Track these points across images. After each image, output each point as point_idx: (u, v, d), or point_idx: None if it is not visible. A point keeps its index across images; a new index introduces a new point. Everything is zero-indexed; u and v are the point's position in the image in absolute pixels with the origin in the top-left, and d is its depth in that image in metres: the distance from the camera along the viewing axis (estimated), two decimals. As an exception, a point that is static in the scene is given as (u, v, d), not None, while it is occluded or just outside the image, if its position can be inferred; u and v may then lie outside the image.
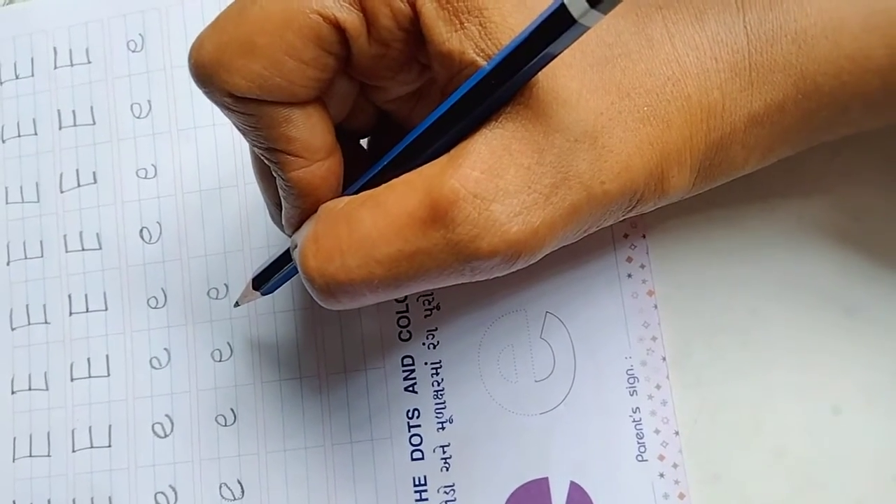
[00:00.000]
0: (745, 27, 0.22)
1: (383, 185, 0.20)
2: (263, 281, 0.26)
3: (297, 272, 0.23)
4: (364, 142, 0.27)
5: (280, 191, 0.22)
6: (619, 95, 0.21)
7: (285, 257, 0.25)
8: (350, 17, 0.20)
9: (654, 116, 0.22)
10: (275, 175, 0.22)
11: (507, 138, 0.20)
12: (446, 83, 0.21)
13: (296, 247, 0.22)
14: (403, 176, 0.20)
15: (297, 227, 0.23)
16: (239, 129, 0.22)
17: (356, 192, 0.22)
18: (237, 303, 0.28)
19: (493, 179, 0.19)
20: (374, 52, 0.21)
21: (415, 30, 0.20)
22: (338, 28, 0.20)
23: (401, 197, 0.20)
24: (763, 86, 0.22)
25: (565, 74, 0.20)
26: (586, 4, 0.17)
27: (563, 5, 0.17)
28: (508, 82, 0.19)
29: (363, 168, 0.23)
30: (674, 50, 0.22)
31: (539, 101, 0.20)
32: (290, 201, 0.22)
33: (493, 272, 0.21)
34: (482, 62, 0.20)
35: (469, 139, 0.20)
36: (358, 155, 0.25)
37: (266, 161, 0.22)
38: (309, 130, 0.21)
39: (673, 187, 0.23)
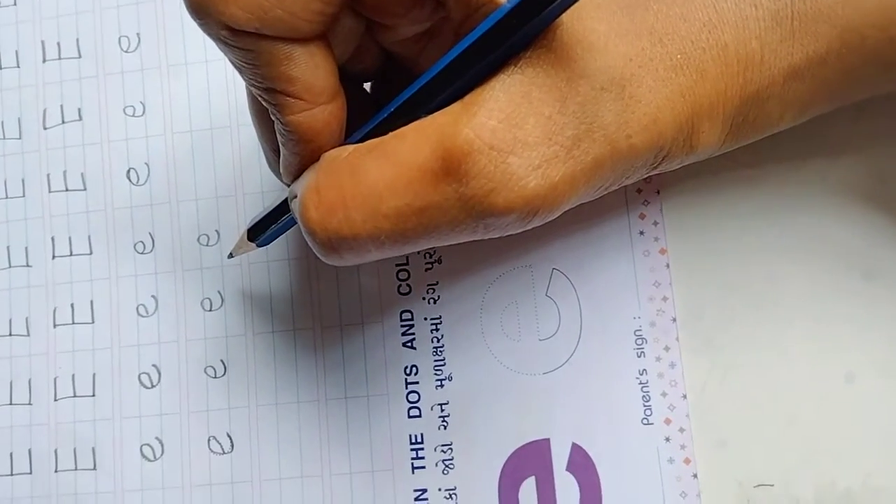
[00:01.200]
0: None
1: (391, 134, 0.19)
2: (259, 232, 0.25)
3: (296, 224, 0.21)
4: (367, 86, 0.25)
5: (278, 136, 0.21)
6: (651, 41, 0.20)
7: (282, 208, 0.23)
8: None
9: (688, 65, 0.20)
10: (273, 118, 0.21)
11: (527, 84, 0.18)
12: (462, 22, 0.19)
13: (294, 197, 0.20)
14: (414, 124, 0.19)
15: (296, 175, 0.21)
16: (235, 67, 0.20)
17: (361, 141, 0.20)
18: (231, 254, 0.26)
19: (511, 129, 0.18)
20: None
21: None
22: None
23: (411, 147, 0.18)
24: (805, 37, 0.21)
25: (593, 16, 0.19)
26: None
27: None
28: (530, 23, 0.18)
29: (366, 114, 0.21)
30: None
31: (563, 44, 0.18)
32: (290, 147, 0.21)
33: (507, 229, 0.19)
34: None
35: (485, 85, 0.18)
36: (361, 100, 0.24)
37: (264, 103, 0.21)
38: (311, 70, 0.20)
39: (702, 143, 0.21)
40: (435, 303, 0.27)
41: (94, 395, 0.28)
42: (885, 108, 0.27)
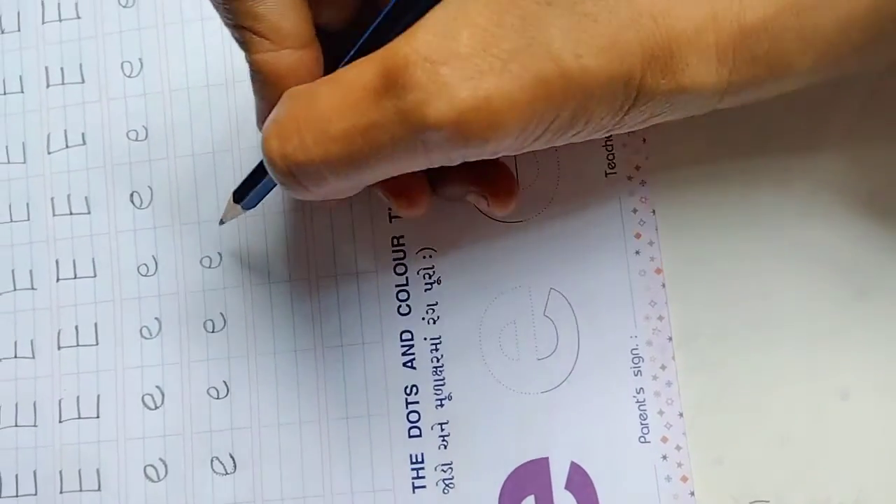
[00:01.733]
0: None
1: (346, 64, 0.19)
2: (244, 194, 0.25)
3: (276, 185, 0.22)
4: None
5: (250, 80, 0.21)
6: None
7: (262, 167, 0.24)
8: None
9: None
10: (246, 61, 0.21)
11: (465, 1, 0.18)
12: None
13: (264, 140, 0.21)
14: (367, 55, 0.19)
15: (263, 118, 0.21)
16: (211, 2, 0.21)
17: None
18: (221, 221, 0.27)
19: (445, 41, 0.17)
20: None
21: None
22: None
23: (357, 70, 0.18)
24: None
25: None
26: None
27: None
28: None
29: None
30: None
31: None
32: (257, 90, 0.21)
33: (448, 151, 0.19)
34: None
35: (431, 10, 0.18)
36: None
37: (234, 39, 0.21)
38: (279, 11, 0.20)
39: (691, 79, 0.19)
40: (434, 323, 0.28)
41: (98, 417, 0.29)
42: (874, 126, 0.27)
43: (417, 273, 0.28)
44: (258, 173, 0.25)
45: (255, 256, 0.29)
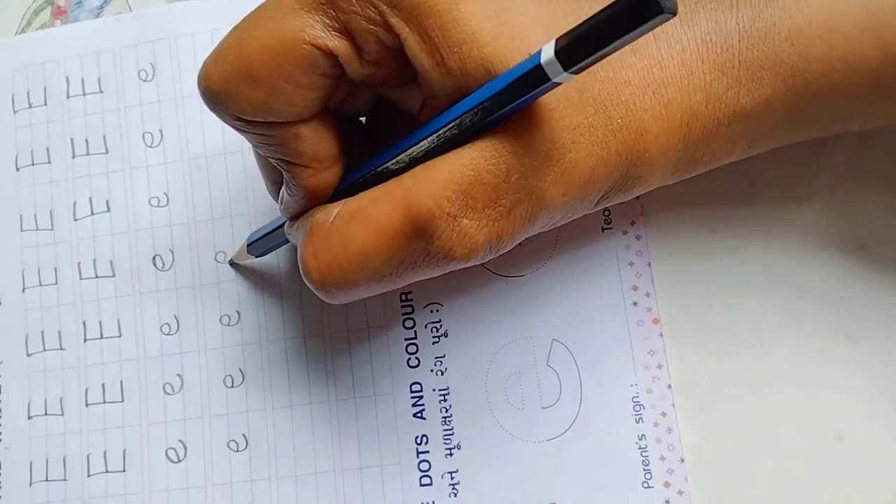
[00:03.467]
0: (738, 24, 0.22)
1: (367, 198, 0.22)
2: (257, 246, 0.28)
3: (288, 243, 0.27)
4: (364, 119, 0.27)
5: (286, 189, 0.24)
6: (595, 108, 0.22)
7: (279, 231, 0.27)
8: (341, 45, 0.21)
9: (628, 127, 0.22)
10: (285, 180, 0.24)
11: (477, 159, 0.21)
12: (440, 95, 0.22)
13: (290, 235, 0.25)
14: (383, 186, 0.22)
15: (295, 216, 0.24)
16: (253, 145, 0.24)
17: (345, 188, 0.23)
18: (231, 261, 0.30)
19: (462, 198, 0.21)
20: (366, 72, 0.22)
21: (403, 52, 0.21)
22: (330, 55, 0.21)
23: (385, 211, 0.21)
24: (751, 83, 0.22)
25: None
26: (560, 68, 0.18)
27: (539, 66, 0.18)
28: (477, 123, 0.20)
29: (361, 146, 0.24)
30: (658, 53, 0.22)
31: (512, 121, 0.21)
32: (296, 200, 0.24)
33: (466, 266, 0.22)
34: (462, 94, 0.21)
35: (443, 157, 0.21)
36: (357, 133, 0.26)
37: (281, 170, 0.24)
38: (316, 144, 0.23)
39: (643, 184, 0.23)
40: (442, 374, 0.29)
41: (124, 471, 0.30)
42: (860, 177, 0.28)
43: (425, 327, 0.29)
44: (274, 234, 0.27)
45: (271, 315, 0.30)
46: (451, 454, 0.29)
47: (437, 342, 0.29)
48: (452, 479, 0.28)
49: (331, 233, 0.22)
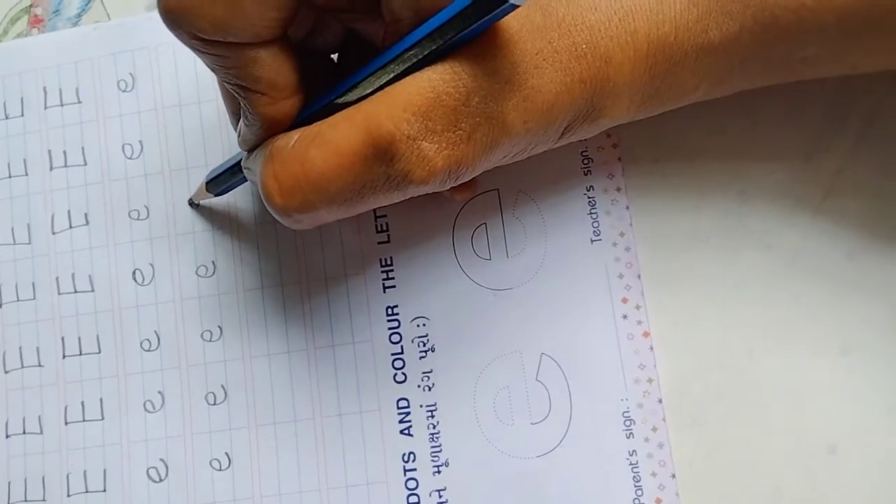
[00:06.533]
0: None
1: (326, 123, 0.22)
2: (216, 184, 0.28)
3: (246, 182, 0.27)
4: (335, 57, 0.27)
5: (244, 119, 0.24)
6: (560, 33, 0.22)
7: (237, 167, 0.27)
8: None
9: (593, 54, 0.22)
10: (242, 108, 0.24)
11: (436, 81, 0.21)
12: (403, 20, 0.22)
13: (248, 169, 0.24)
14: (343, 112, 0.22)
15: (252, 147, 0.24)
16: (210, 68, 0.23)
17: (302, 122, 0.23)
18: (191, 200, 0.30)
19: (421, 120, 0.21)
20: None
21: None
22: None
23: (345, 135, 0.21)
24: (720, 16, 0.22)
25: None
26: None
27: None
28: (437, 48, 0.21)
29: (332, 82, 0.24)
30: None
31: (473, 45, 0.21)
32: (253, 130, 0.24)
33: (426, 191, 0.22)
34: (423, 18, 0.21)
35: (403, 80, 0.21)
36: (329, 69, 0.27)
37: (236, 97, 0.23)
38: (275, 70, 0.22)
39: (606, 116, 0.23)
40: (430, 390, 0.29)
41: (104, 491, 0.29)
42: (850, 186, 0.28)
43: (412, 341, 0.29)
44: (232, 170, 0.27)
45: (253, 329, 0.30)
46: (438, 472, 0.28)
47: (423, 357, 0.29)
48: (441, 497, 0.28)
49: (291, 156, 0.22)
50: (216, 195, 0.29)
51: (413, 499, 0.28)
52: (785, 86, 0.26)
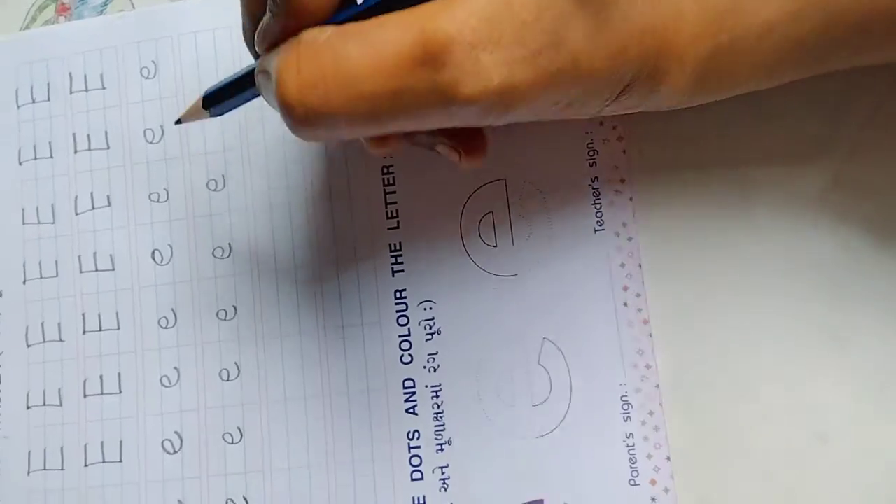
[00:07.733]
0: None
1: (372, 20, 0.19)
2: (216, 101, 0.24)
3: (254, 97, 0.23)
4: None
5: (270, 5, 0.20)
6: None
7: (246, 79, 0.23)
8: None
9: (667, 2, 0.21)
10: None
11: None
12: None
13: (263, 72, 0.21)
14: (394, 14, 0.19)
15: (271, 44, 0.21)
16: None
17: (344, 20, 0.20)
18: (179, 119, 0.26)
19: (487, 29, 0.19)
20: None
21: None
22: None
23: (392, 34, 0.19)
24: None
25: None
26: None
27: None
28: None
29: None
30: None
31: None
32: (278, 18, 0.20)
33: (468, 120, 0.20)
34: None
35: None
36: None
37: None
38: None
39: (666, 86, 0.22)
40: (435, 371, 0.30)
41: (121, 461, 0.30)
42: (852, 179, 0.29)
43: (419, 324, 0.30)
44: (238, 84, 0.24)
45: (267, 309, 0.31)
46: (441, 449, 0.29)
47: (430, 339, 0.30)
48: (443, 473, 0.29)
49: (322, 48, 0.19)
50: (213, 115, 0.25)
51: (416, 475, 0.29)
52: (788, 84, 0.26)
